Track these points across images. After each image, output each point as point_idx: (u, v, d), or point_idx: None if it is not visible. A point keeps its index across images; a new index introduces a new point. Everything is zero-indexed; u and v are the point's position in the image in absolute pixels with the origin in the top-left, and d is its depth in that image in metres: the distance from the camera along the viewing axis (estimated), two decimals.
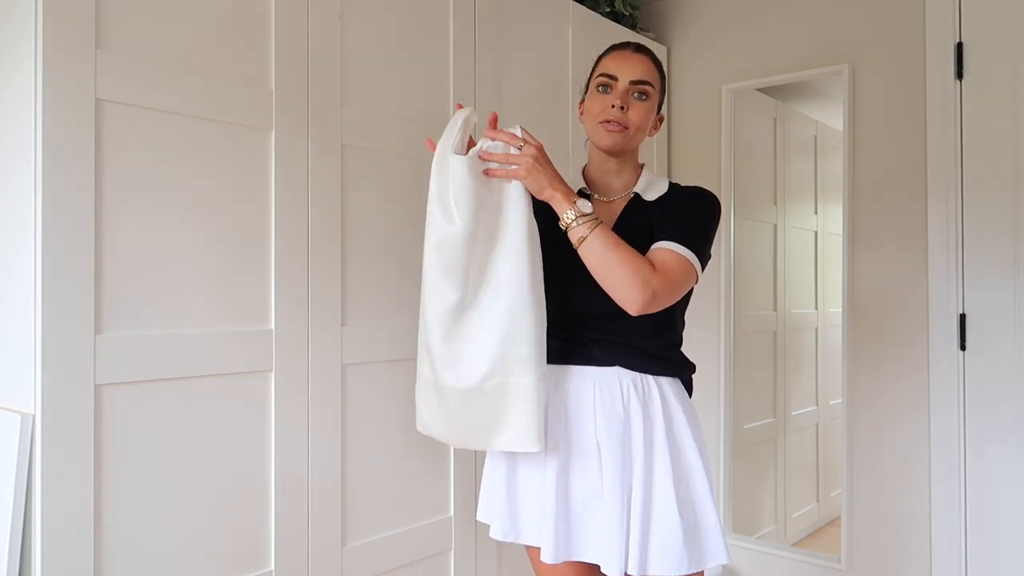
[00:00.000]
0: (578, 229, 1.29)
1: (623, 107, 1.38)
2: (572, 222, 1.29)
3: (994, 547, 2.16)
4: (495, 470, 1.47)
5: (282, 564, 1.59)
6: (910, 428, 2.31)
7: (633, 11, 2.72)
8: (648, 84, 1.40)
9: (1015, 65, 2.15)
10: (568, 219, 1.29)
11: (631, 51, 1.43)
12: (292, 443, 1.61)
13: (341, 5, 1.72)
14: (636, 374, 1.38)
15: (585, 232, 1.28)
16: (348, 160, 1.73)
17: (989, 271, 2.18)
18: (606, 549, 1.33)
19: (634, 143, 1.44)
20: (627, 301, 1.28)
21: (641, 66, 1.40)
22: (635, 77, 1.39)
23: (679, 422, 1.38)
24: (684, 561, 1.31)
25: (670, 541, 1.31)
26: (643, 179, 1.47)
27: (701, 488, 1.36)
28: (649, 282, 1.27)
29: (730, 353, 2.74)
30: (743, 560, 2.66)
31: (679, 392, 1.42)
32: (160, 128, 1.41)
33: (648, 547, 1.32)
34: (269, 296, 1.58)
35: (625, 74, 1.39)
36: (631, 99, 1.40)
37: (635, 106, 1.40)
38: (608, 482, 1.34)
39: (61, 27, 1.27)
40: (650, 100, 1.41)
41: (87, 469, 1.30)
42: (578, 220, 1.29)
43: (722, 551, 1.35)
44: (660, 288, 1.28)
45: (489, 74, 2.08)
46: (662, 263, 1.31)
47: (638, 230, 1.40)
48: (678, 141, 2.85)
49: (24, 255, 1.28)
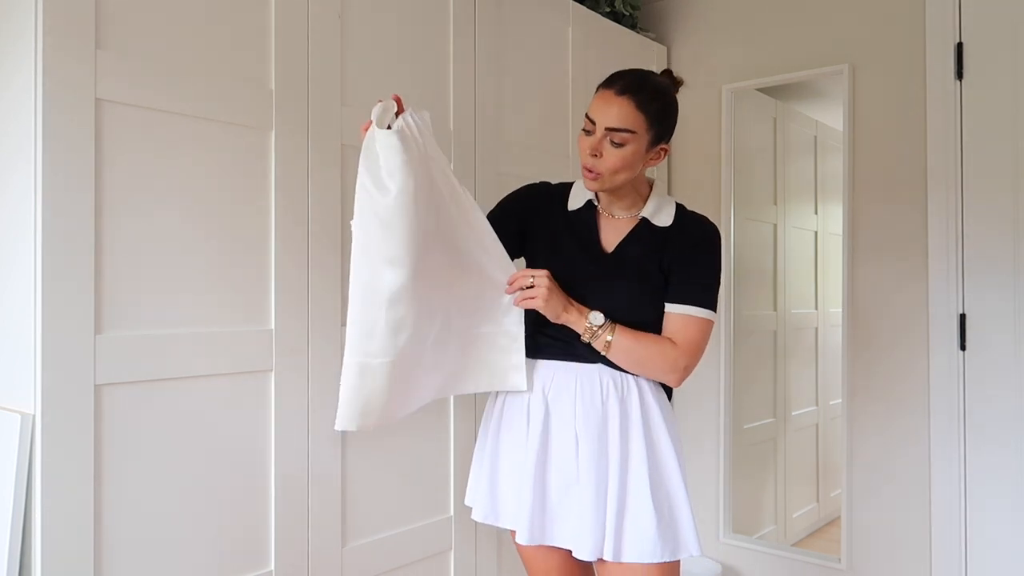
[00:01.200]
0: (600, 338, 1.39)
1: (597, 154, 1.38)
2: (593, 334, 1.39)
3: (994, 547, 2.15)
4: (481, 456, 1.55)
5: (282, 564, 1.59)
6: (910, 428, 2.31)
7: (633, 11, 2.72)
8: (625, 131, 1.35)
9: (1015, 65, 2.15)
10: (588, 334, 1.39)
11: (614, 93, 1.37)
12: (292, 443, 1.61)
13: (341, 5, 1.72)
14: (617, 372, 1.43)
15: (608, 337, 1.38)
16: (348, 160, 1.73)
17: (989, 271, 2.18)
18: (580, 535, 1.39)
19: (618, 182, 1.41)
20: (666, 381, 1.44)
21: (617, 112, 1.35)
22: (609, 124, 1.36)
23: (655, 419, 1.44)
24: (657, 550, 1.36)
25: (644, 530, 1.37)
26: (651, 203, 1.48)
27: (675, 482, 1.42)
28: (677, 363, 1.40)
29: (730, 353, 2.74)
30: (743, 560, 2.66)
31: (657, 393, 1.46)
32: (160, 128, 1.41)
33: (622, 535, 1.38)
34: (269, 296, 1.58)
35: (601, 120, 1.37)
36: (606, 146, 1.37)
37: (610, 153, 1.37)
38: (584, 472, 1.40)
39: (61, 27, 1.27)
40: (629, 146, 1.37)
41: (87, 469, 1.30)
42: (597, 330, 1.39)
43: (693, 543, 1.40)
44: (688, 363, 1.41)
45: (489, 74, 2.08)
46: (683, 336, 1.41)
47: (647, 252, 1.44)
48: (678, 141, 2.85)
49: (24, 255, 1.28)
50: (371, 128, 1.30)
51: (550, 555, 1.51)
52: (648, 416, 1.43)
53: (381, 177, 1.28)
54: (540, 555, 1.51)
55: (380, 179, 1.28)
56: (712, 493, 2.72)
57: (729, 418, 2.72)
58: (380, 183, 1.28)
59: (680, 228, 1.46)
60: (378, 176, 1.28)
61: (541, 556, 1.51)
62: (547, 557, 1.51)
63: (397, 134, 1.28)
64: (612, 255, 1.46)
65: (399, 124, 1.29)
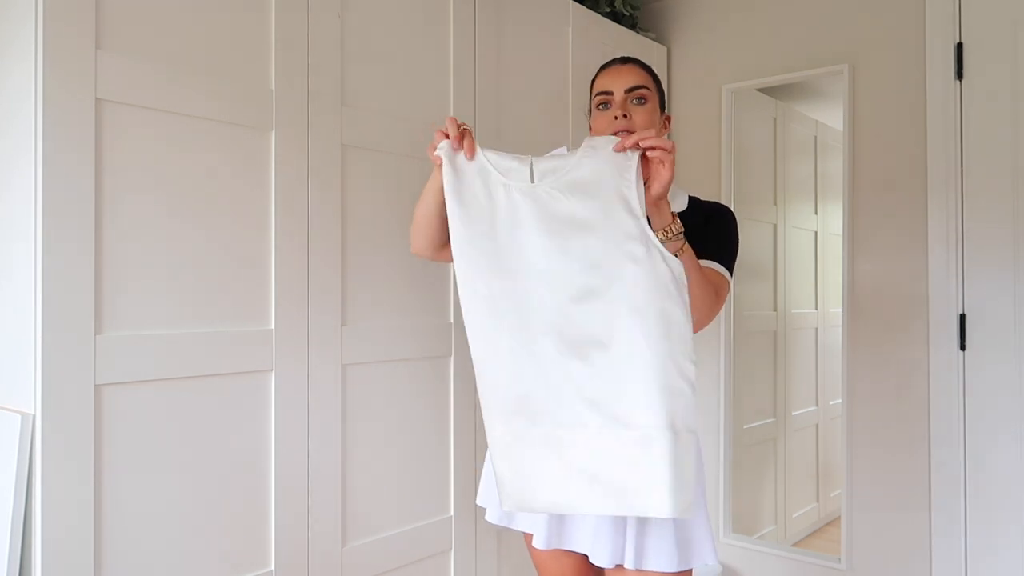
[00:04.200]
0: (671, 244, 1.25)
1: (626, 115, 1.44)
2: (668, 237, 1.25)
3: (994, 547, 2.15)
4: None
5: (282, 564, 1.59)
6: (910, 428, 2.31)
7: (633, 11, 2.72)
8: (643, 88, 1.45)
9: (1015, 65, 2.15)
10: (666, 234, 1.25)
11: (619, 64, 1.49)
12: (292, 443, 1.61)
13: (341, 5, 1.72)
14: None
15: (676, 251, 1.25)
16: (348, 160, 1.73)
17: (989, 271, 2.18)
18: (597, 541, 1.37)
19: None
20: (694, 319, 1.30)
21: (631, 75, 1.46)
22: (628, 85, 1.45)
23: None
24: (674, 559, 1.35)
25: (664, 538, 1.35)
26: None
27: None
28: (713, 306, 1.36)
29: (730, 353, 2.74)
30: (743, 560, 2.66)
31: None
32: (160, 128, 1.41)
33: (644, 542, 1.36)
34: (269, 296, 1.58)
35: (619, 85, 1.45)
36: (630, 106, 1.45)
37: (636, 111, 1.45)
38: None
39: (61, 27, 1.27)
40: (649, 103, 1.46)
41: (87, 469, 1.30)
42: (674, 236, 1.25)
43: (710, 552, 1.38)
44: (717, 310, 1.38)
45: (489, 74, 2.08)
46: (716, 284, 1.38)
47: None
48: (678, 141, 2.85)
49: (24, 255, 1.28)
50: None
51: (565, 559, 1.49)
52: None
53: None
54: (554, 559, 1.49)
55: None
56: (712, 493, 2.72)
57: (729, 418, 2.73)
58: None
59: (694, 210, 1.49)
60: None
61: (555, 560, 1.49)
62: (561, 561, 1.49)
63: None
64: None
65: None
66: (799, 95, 3.22)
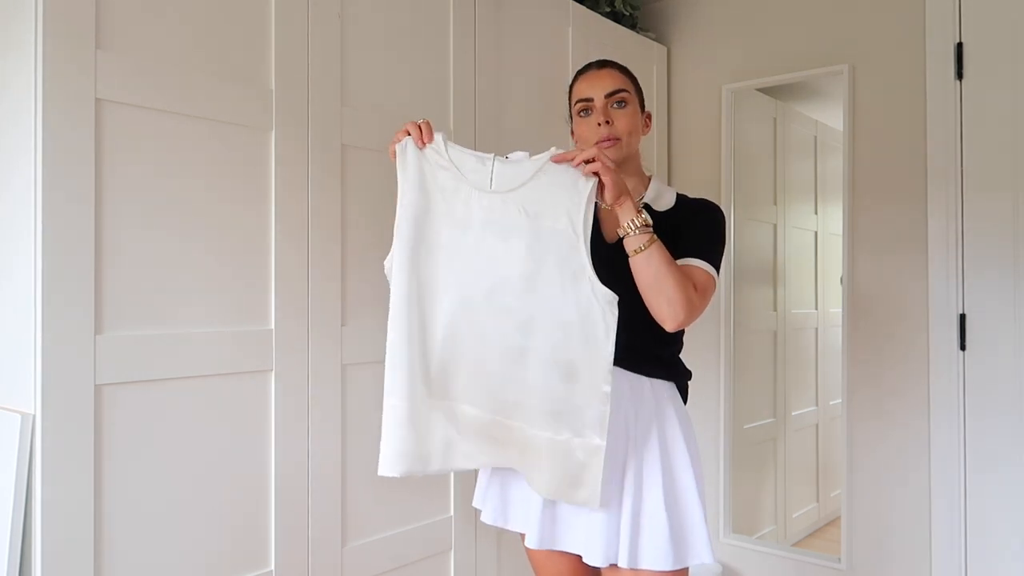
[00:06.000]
0: (637, 238, 1.28)
1: (608, 122, 1.43)
2: (634, 231, 1.28)
3: (994, 547, 2.15)
4: None
5: (282, 564, 1.59)
6: (910, 428, 2.31)
7: (633, 11, 2.72)
8: (622, 91, 1.46)
9: (1015, 65, 2.15)
10: (631, 228, 1.29)
11: (596, 68, 1.49)
12: (292, 443, 1.61)
13: (341, 5, 1.72)
14: (631, 375, 1.40)
15: (643, 244, 1.28)
16: (348, 160, 1.73)
17: (989, 271, 2.18)
18: (591, 540, 1.36)
19: (633, 148, 1.48)
20: (668, 315, 1.31)
21: (610, 79, 1.46)
22: (608, 90, 1.45)
23: (671, 424, 1.41)
24: (670, 557, 1.34)
25: (658, 537, 1.35)
26: (652, 189, 1.49)
27: (689, 489, 1.39)
28: (692, 301, 1.31)
29: (730, 353, 2.74)
30: (743, 560, 2.66)
31: (673, 396, 1.44)
32: (160, 128, 1.41)
33: (639, 541, 1.36)
34: (269, 296, 1.58)
35: (599, 91, 1.45)
36: (612, 111, 1.45)
37: (617, 115, 1.45)
38: None
39: (61, 27, 1.27)
40: (630, 105, 1.47)
41: (87, 469, 1.30)
42: (640, 230, 1.28)
43: (706, 551, 1.38)
44: (699, 306, 1.34)
45: (489, 74, 2.08)
46: (698, 281, 1.35)
47: None
48: (678, 141, 2.85)
49: (24, 255, 1.28)
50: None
51: (560, 560, 1.48)
52: (664, 421, 1.41)
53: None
54: (550, 559, 1.49)
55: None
56: (712, 493, 2.72)
57: (729, 418, 2.73)
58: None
59: (681, 207, 1.48)
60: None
61: (551, 560, 1.49)
62: (556, 561, 1.49)
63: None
64: (614, 245, 1.41)
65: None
66: (799, 95, 3.22)
